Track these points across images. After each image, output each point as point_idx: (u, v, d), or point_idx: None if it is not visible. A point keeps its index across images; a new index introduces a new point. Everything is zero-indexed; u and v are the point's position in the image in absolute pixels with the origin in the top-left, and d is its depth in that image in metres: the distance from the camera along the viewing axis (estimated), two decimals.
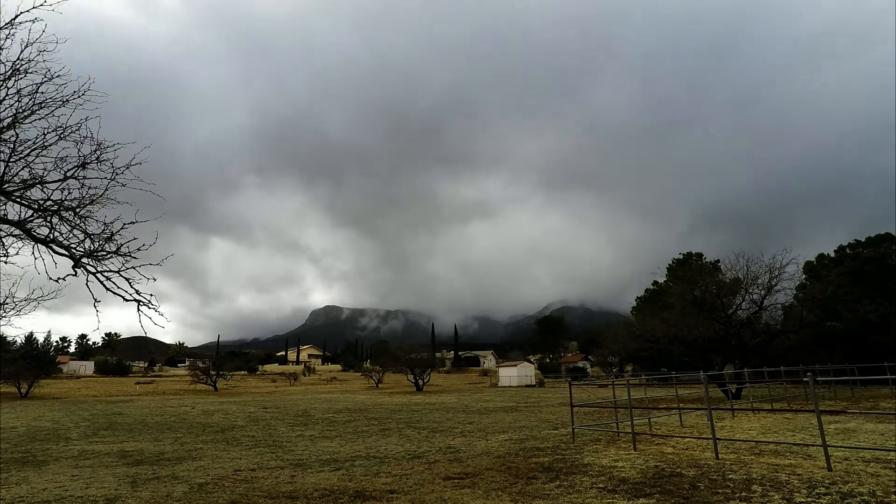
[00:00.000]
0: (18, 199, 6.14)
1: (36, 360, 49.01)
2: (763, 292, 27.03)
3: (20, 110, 6.00)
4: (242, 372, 72.52)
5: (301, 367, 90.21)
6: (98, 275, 6.58)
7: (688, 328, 26.37)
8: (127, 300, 6.67)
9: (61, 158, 6.25)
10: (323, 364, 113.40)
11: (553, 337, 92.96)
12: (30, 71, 5.95)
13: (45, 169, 6.23)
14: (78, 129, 6.19)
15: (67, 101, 6.12)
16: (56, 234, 6.39)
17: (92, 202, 6.44)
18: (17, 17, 5.79)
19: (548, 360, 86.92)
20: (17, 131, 6.00)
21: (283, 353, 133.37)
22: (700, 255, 46.23)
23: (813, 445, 9.77)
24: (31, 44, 5.86)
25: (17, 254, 6.40)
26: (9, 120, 5.96)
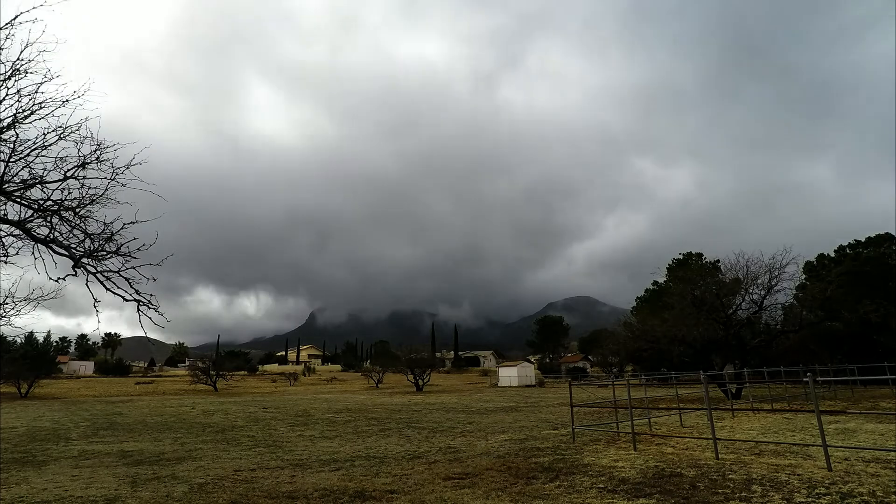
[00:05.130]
0: (18, 199, 6.14)
1: (36, 360, 48.91)
2: (763, 292, 27.02)
3: (20, 110, 6.00)
4: (242, 372, 72.43)
5: (301, 367, 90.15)
6: (98, 275, 6.58)
7: (688, 328, 26.35)
8: (127, 300, 6.68)
9: (61, 158, 6.25)
10: (323, 364, 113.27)
11: (553, 337, 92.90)
12: (30, 71, 5.95)
13: (45, 169, 6.24)
14: (78, 129, 6.19)
15: (67, 101, 6.13)
16: (56, 234, 6.40)
17: (92, 202, 6.45)
18: (17, 17, 5.79)
19: (548, 361, 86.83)
20: (17, 131, 6.00)
21: (283, 353, 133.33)
22: (700, 255, 46.32)
23: (813, 445, 9.77)
24: (31, 44, 5.86)
25: (17, 254, 6.41)
26: (9, 120, 5.96)
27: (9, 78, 5.93)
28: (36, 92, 6.03)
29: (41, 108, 6.08)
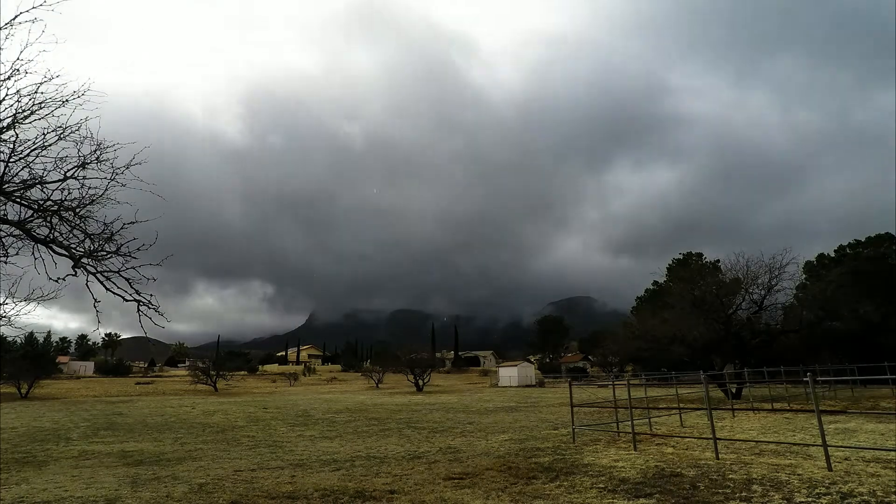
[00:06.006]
0: (18, 199, 6.15)
1: (36, 360, 48.90)
2: (763, 292, 27.04)
3: (20, 110, 6.00)
4: (242, 372, 72.41)
5: (301, 367, 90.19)
6: (98, 275, 6.59)
7: (688, 328, 26.36)
8: (127, 300, 6.69)
9: (61, 158, 6.26)
10: (323, 364, 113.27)
11: (553, 337, 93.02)
12: (30, 71, 5.95)
13: (45, 169, 6.24)
14: (78, 129, 6.20)
15: (67, 101, 6.13)
16: (56, 234, 6.40)
17: (92, 202, 6.45)
18: (16, 17, 5.79)
19: (548, 361, 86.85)
20: (17, 131, 6.01)
21: (283, 353, 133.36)
22: (700, 255, 46.35)
23: (813, 445, 9.77)
24: (31, 44, 5.86)
25: (17, 254, 6.40)
26: (9, 120, 5.96)
27: (9, 78, 5.93)
28: (36, 92, 6.04)
29: (41, 108, 6.08)
